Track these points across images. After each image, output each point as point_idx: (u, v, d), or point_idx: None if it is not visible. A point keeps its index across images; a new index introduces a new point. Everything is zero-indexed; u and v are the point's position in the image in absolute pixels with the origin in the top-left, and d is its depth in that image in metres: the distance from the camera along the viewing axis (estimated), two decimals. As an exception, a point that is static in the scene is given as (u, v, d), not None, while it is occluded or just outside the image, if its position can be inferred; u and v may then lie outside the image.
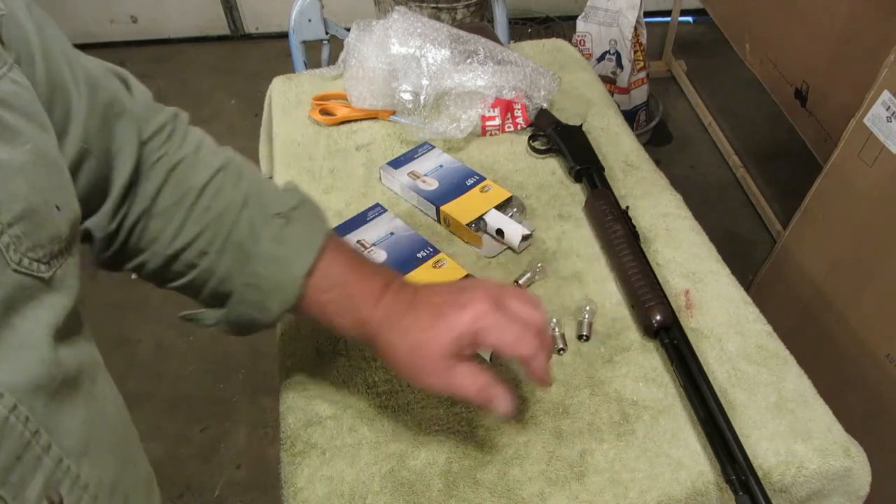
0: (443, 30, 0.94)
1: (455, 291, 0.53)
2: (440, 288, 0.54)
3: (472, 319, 0.51)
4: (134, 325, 1.71)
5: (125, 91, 0.51)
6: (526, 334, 0.52)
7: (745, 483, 0.54)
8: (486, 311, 0.51)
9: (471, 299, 0.52)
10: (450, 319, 0.51)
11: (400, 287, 0.54)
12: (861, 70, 1.21)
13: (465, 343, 0.51)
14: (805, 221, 1.27)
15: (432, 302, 0.52)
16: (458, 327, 0.51)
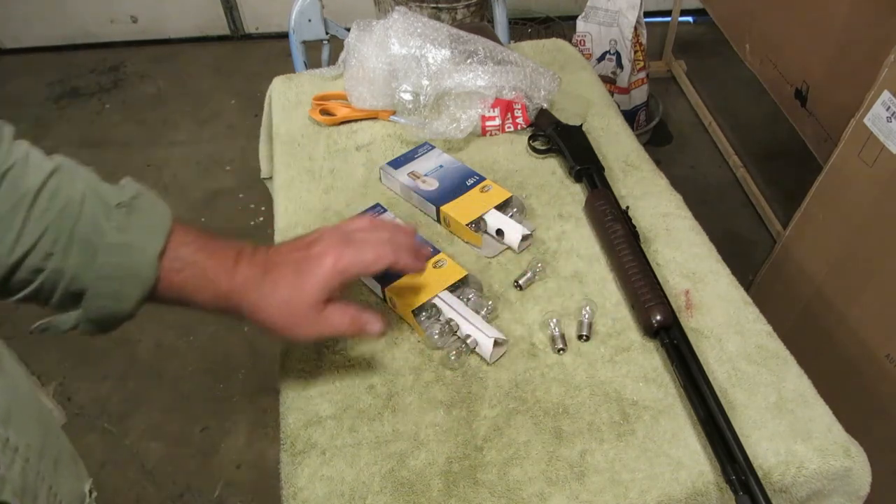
0: (443, 30, 0.94)
1: (306, 245, 0.57)
2: (291, 245, 0.58)
3: (332, 264, 0.56)
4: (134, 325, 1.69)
5: None
6: (379, 248, 0.58)
7: (745, 483, 0.54)
8: (341, 251, 0.56)
9: (325, 247, 0.57)
10: (312, 271, 0.56)
11: (252, 253, 0.57)
12: (861, 70, 1.21)
13: (333, 286, 0.56)
14: (805, 221, 1.27)
15: (290, 259, 0.57)
16: (321, 275, 0.56)
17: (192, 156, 2.25)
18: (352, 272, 0.57)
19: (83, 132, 2.37)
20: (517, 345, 0.69)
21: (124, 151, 2.28)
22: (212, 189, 2.11)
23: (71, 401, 1.56)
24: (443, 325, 0.68)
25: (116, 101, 2.51)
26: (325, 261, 0.56)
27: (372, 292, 0.75)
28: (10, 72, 2.70)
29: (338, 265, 0.56)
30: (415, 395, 0.65)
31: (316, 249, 0.57)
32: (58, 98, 2.54)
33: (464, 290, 0.73)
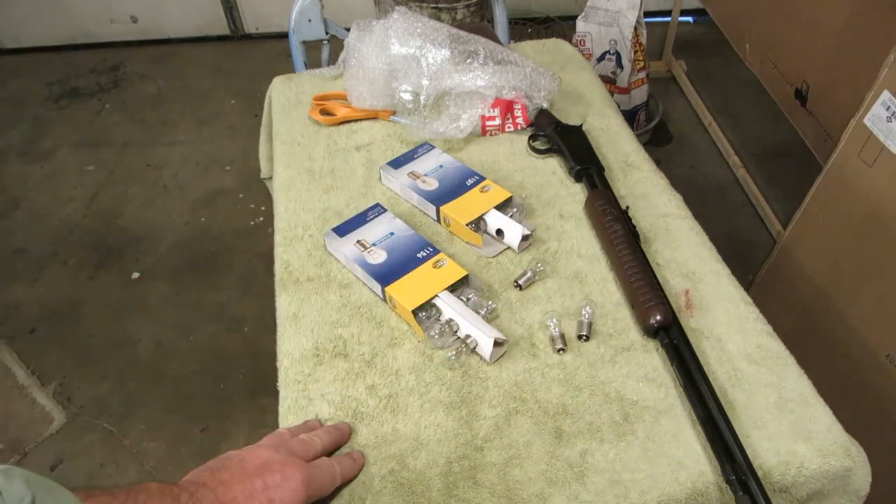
0: (443, 30, 0.94)
1: (257, 469, 0.52)
2: (236, 471, 0.52)
3: (305, 491, 0.52)
4: (134, 325, 1.71)
5: None
6: (335, 467, 0.56)
7: (745, 483, 0.54)
8: (305, 472, 0.53)
9: (286, 471, 0.52)
10: (285, 500, 0.51)
11: (192, 497, 0.49)
12: (861, 70, 1.21)
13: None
14: (805, 221, 1.27)
15: (250, 492, 0.51)
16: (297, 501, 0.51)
17: (192, 156, 2.25)
18: (317, 496, 0.54)
19: (83, 132, 2.37)
20: (517, 345, 0.69)
21: (124, 151, 2.28)
22: (212, 189, 2.11)
23: (71, 401, 1.56)
24: (443, 325, 0.68)
25: (116, 101, 2.51)
26: (296, 486, 0.52)
27: (372, 292, 0.75)
28: (10, 72, 2.70)
29: (308, 490, 0.53)
30: (415, 395, 0.65)
31: (278, 473, 0.52)
32: (58, 98, 2.54)
33: (464, 290, 0.73)
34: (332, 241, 0.79)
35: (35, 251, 1.93)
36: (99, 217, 2.03)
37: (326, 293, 0.75)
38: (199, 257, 1.89)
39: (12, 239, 1.98)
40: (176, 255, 1.90)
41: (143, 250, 1.91)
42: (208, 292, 1.79)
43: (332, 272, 0.78)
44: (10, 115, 2.46)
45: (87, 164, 2.23)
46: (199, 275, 1.84)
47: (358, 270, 0.76)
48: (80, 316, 1.74)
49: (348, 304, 0.74)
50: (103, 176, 2.18)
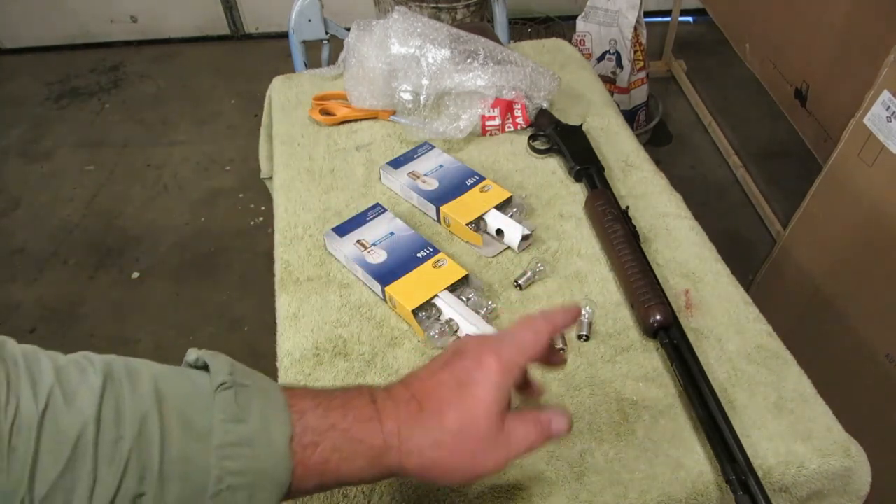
0: (443, 30, 0.94)
1: (449, 360, 0.47)
2: (430, 367, 0.47)
3: (496, 364, 0.45)
4: (134, 325, 1.71)
5: None
6: (529, 324, 0.48)
7: (745, 483, 0.54)
8: (496, 347, 0.46)
9: (476, 352, 0.46)
10: (479, 382, 0.44)
11: (387, 391, 0.46)
12: (861, 70, 1.21)
13: (506, 392, 0.45)
14: (805, 221, 1.27)
15: (442, 380, 0.45)
16: (490, 384, 0.44)
17: (192, 156, 2.25)
18: (520, 364, 0.46)
19: (83, 132, 2.37)
20: (517, 345, 0.69)
21: (124, 151, 2.28)
22: (212, 189, 2.11)
23: (71, 401, 1.56)
24: (443, 325, 0.68)
25: (116, 101, 2.51)
26: (487, 364, 0.45)
27: (372, 291, 0.75)
28: (10, 72, 2.70)
29: (502, 363, 0.45)
30: (415, 395, 0.65)
31: (468, 359, 0.46)
32: (58, 98, 2.54)
33: (464, 290, 0.73)
34: (332, 241, 0.79)
35: (35, 251, 1.93)
36: (99, 217, 2.03)
37: (326, 293, 0.75)
38: (199, 257, 1.89)
39: (12, 239, 1.98)
40: (176, 255, 1.90)
41: (143, 250, 1.91)
42: (208, 292, 1.79)
43: (332, 272, 0.78)
44: (10, 115, 2.46)
45: (87, 164, 2.23)
46: (199, 275, 1.84)
47: (358, 270, 0.76)
48: (80, 316, 1.74)
49: (348, 303, 0.74)
50: (103, 176, 2.18)
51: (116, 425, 0.37)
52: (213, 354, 0.44)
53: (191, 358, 0.44)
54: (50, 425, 0.35)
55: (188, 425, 0.39)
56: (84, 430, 0.36)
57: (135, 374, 0.40)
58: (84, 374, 0.38)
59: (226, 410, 0.40)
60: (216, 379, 0.41)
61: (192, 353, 0.44)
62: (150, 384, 0.40)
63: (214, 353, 0.44)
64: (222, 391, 0.40)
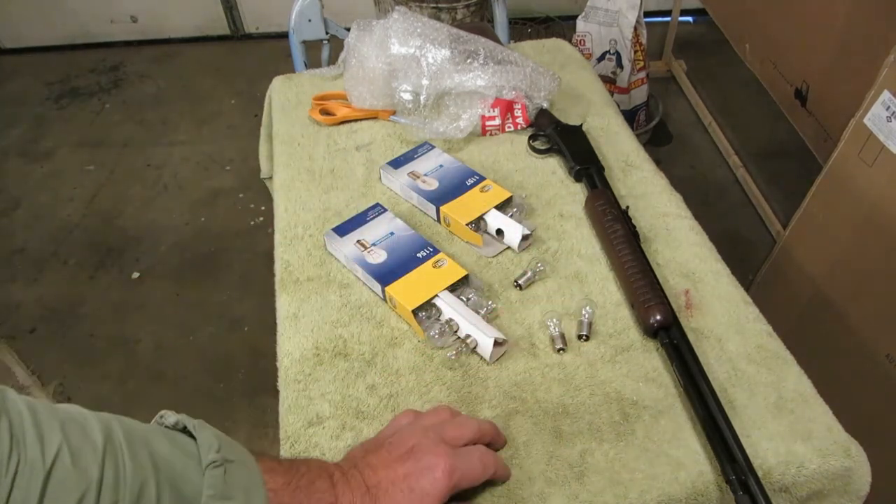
0: (443, 30, 0.94)
1: (403, 456, 0.52)
2: (383, 455, 0.53)
3: (446, 480, 0.50)
4: (134, 325, 1.71)
5: None
6: (484, 457, 0.54)
7: (745, 483, 0.54)
8: (452, 464, 0.51)
9: (430, 457, 0.51)
10: (427, 491, 0.50)
11: (345, 476, 0.51)
12: (861, 70, 1.21)
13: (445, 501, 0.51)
14: (805, 221, 1.27)
15: (394, 477, 0.51)
16: (437, 494, 0.50)
17: (192, 156, 2.25)
18: (463, 486, 0.52)
19: (83, 132, 2.37)
20: (517, 345, 0.69)
21: (124, 151, 2.28)
22: (212, 189, 2.11)
23: (71, 401, 1.55)
24: (443, 325, 0.68)
25: (116, 101, 2.51)
26: (437, 475, 0.50)
27: (372, 291, 0.75)
28: (10, 72, 2.70)
29: (451, 480, 0.51)
30: (415, 395, 0.65)
31: (422, 461, 0.51)
32: (58, 98, 2.54)
33: (464, 290, 0.73)
34: (332, 241, 0.79)
35: (35, 251, 1.93)
36: (99, 217, 2.03)
37: (326, 293, 0.75)
38: (199, 257, 1.89)
39: (12, 239, 1.98)
40: (176, 255, 1.90)
41: (143, 250, 1.91)
42: (208, 292, 1.79)
43: (332, 272, 0.78)
44: (10, 115, 2.46)
45: (87, 164, 2.23)
46: (199, 275, 1.84)
47: (358, 270, 0.76)
48: (80, 316, 1.74)
49: (348, 303, 0.74)
50: (103, 176, 2.18)
51: (115, 490, 0.38)
52: (199, 425, 0.45)
53: (170, 420, 0.45)
54: (55, 485, 0.36)
55: (180, 497, 0.40)
56: (87, 493, 0.37)
57: (131, 438, 0.41)
58: (86, 433, 0.39)
59: (215, 487, 0.42)
60: (207, 456, 0.43)
61: (171, 415, 0.46)
62: (145, 451, 0.41)
63: (200, 424, 0.45)
64: (213, 468, 0.42)
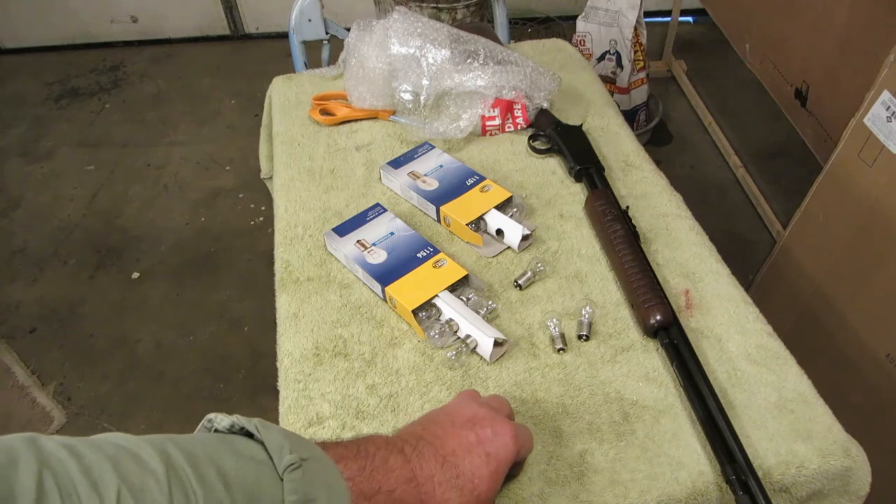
0: (443, 30, 0.93)
1: (467, 424, 0.52)
2: (448, 427, 0.52)
3: (513, 445, 0.52)
4: (134, 325, 1.71)
5: None
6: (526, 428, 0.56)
7: (745, 483, 0.54)
8: (513, 428, 0.52)
9: (496, 426, 0.52)
10: (501, 457, 0.51)
11: (418, 454, 0.48)
12: (861, 70, 1.21)
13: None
14: (805, 221, 1.27)
15: (471, 447, 0.50)
16: (508, 459, 0.51)
17: (192, 156, 2.25)
18: (522, 454, 0.54)
19: (83, 132, 2.37)
20: (517, 345, 0.69)
21: (124, 151, 2.28)
22: (212, 189, 2.11)
23: (71, 401, 1.56)
24: (443, 325, 0.68)
25: (116, 101, 2.51)
26: (508, 440, 0.51)
27: (372, 291, 0.75)
28: (10, 72, 2.70)
29: (517, 445, 0.52)
30: (415, 395, 0.65)
31: (491, 427, 0.52)
32: (58, 98, 2.54)
33: (464, 290, 0.73)
34: (332, 241, 0.79)
35: (35, 251, 1.93)
36: (99, 217, 2.03)
37: (326, 293, 0.75)
38: (199, 257, 1.89)
39: (12, 239, 1.98)
40: (176, 255, 1.90)
41: (143, 250, 1.91)
42: (208, 292, 1.79)
43: (333, 272, 0.78)
44: (10, 115, 2.46)
45: (87, 164, 2.23)
46: (199, 275, 1.84)
47: (358, 270, 0.76)
48: (80, 316, 1.74)
49: (348, 303, 0.74)
50: (103, 176, 2.18)
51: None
52: (261, 426, 0.41)
53: (223, 424, 0.42)
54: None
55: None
56: None
57: (194, 459, 0.37)
58: (142, 466, 0.35)
59: (297, 491, 0.38)
60: (282, 459, 0.39)
61: (223, 418, 0.42)
62: (212, 470, 0.37)
63: (262, 425, 0.41)
64: (291, 472, 0.39)
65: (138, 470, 0.34)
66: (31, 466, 0.31)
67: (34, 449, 0.32)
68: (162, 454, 0.35)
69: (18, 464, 0.31)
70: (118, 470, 0.33)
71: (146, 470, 0.34)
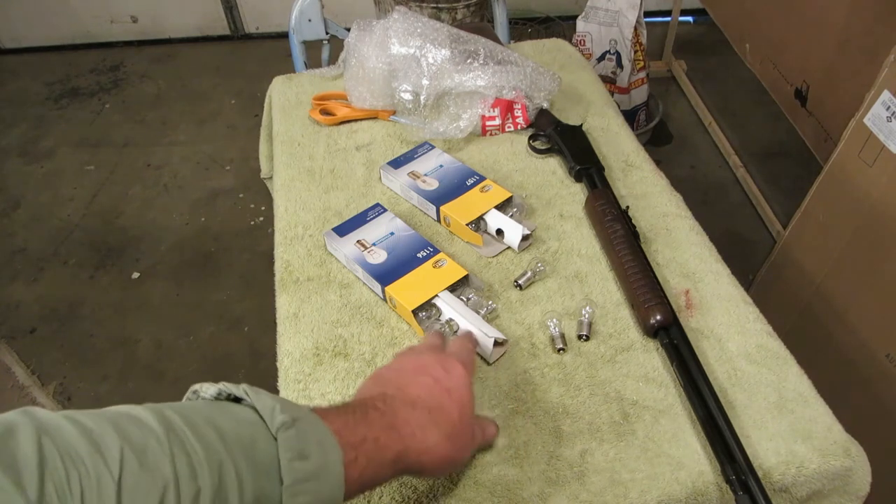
0: (443, 30, 0.93)
1: (420, 369, 0.54)
2: (405, 375, 0.54)
3: (468, 374, 0.55)
4: (134, 325, 1.71)
5: None
6: (468, 350, 0.60)
7: (745, 483, 0.54)
8: (457, 359, 0.56)
9: (446, 363, 0.55)
10: (464, 397, 0.53)
11: (388, 402, 0.50)
12: (861, 70, 1.21)
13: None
14: (805, 221, 1.27)
15: (432, 387, 0.53)
16: (470, 396, 0.54)
17: (192, 156, 2.25)
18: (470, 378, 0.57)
19: (83, 132, 2.37)
20: (517, 345, 0.69)
21: (124, 151, 2.28)
22: (212, 189, 2.11)
23: (71, 401, 1.56)
24: (443, 325, 0.68)
25: (116, 101, 2.51)
26: (458, 372, 0.54)
27: (372, 291, 0.75)
28: (10, 72, 2.70)
29: (468, 370, 0.55)
30: (415, 395, 0.65)
31: (439, 368, 0.54)
32: (58, 98, 2.54)
33: (464, 290, 0.73)
34: (332, 241, 0.79)
35: (35, 251, 1.93)
36: (99, 217, 2.03)
37: (326, 293, 0.75)
38: (199, 257, 1.89)
39: (12, 239, 1.98)
40: (176, 255, 1.90)
41: (143, 250, 1.91)
42: (208, 292, 1.79)
43: (333, 272, 0.78)
44: (10, 115, 2.46)
45: (87, 164, 2.23)
46: (199, 275, 1.84)
47: (358, 270, 0.76)
48: (80, 316, 1.74)
49: (348, 303, 0.74)
50: (103, 176, 2.18)
51: (193, 479, 0.36)
52: (250, 390, 0.43)
53: (209, 392, 0.44)
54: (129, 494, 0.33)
55: (257, 467, 0.39)
56: (166, 493, 0.35)
57: (191, 420, 0.39)
58: (143, 427, 0.36)
59: (291, 449, 0.40)
60: (274, 419, 0.41)
61: (209, 387, 0.44)
62: (210, 429, 0.39)
63: (251, 389, 0.43)
64: (284, 431, 0.41)
65: (139, 431, 0.36)
66: (29, 434, 0.32)
67: (30, 417, 0.34)
68: (160, 417, 0.37)
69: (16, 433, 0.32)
70: (119, 431, 0.35)
71: (146, 430, 0.36)
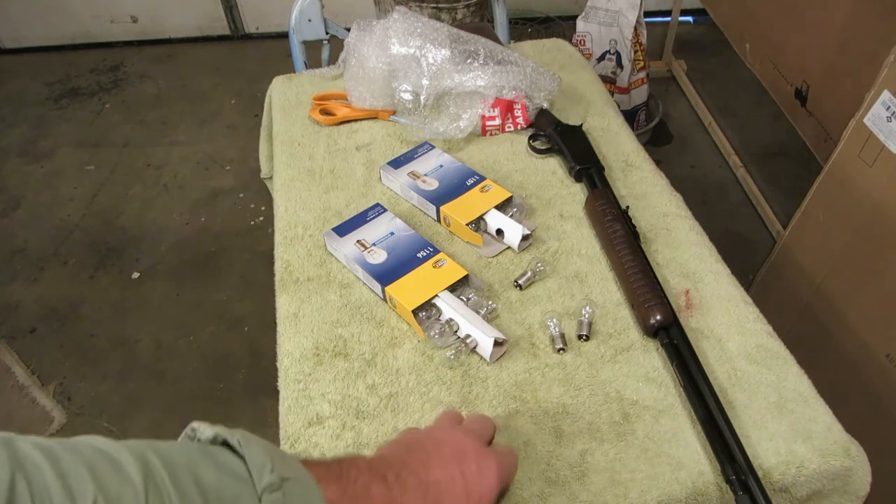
0: (443, 30, 0.93)
1: (454, 457, 0.51)
2: (434, 456, 0.51)
3: (498, 480, 0.52)
4: (134, 325, 1.71)
5: None
6: (512, 454, 0.57)
7: (744, 483, 0.54)
8: (497, 461, 0.52)
9: (482, 460, 0.51)
10: (484, 497, 0.51)
11: (402, 487, 0.47)
12: (861, 70, 1.21)
13: None
14: (805, 221, 1.27)
15: (454, 481, 0.50)
16: (493, 491, 0.51)
17: (192, 156, 2.25)
18: (504, 485, 0.54)
19: (83, 132, 2.37)
20: (517, 345, 0.69)
21: (124, 151, 2.28)
22: (212, 189, 2.11)
23: (71, 401, 1.56)
24: (443, 325, 0.68)
25: (116, 101, 2.51)
26: (492, 476, 0.51)
27: (372, 291, 0.75)
28: (10, 72, 2.70)
29: (500, 479, 0.52)
30: (415, 395, 0.65)
31: (476, 462, 0.51)
32: (58, 98, 2.54)
33: (464, 290, 0.73)
34: (332, 241, 0.79)
35: (35, 251, 1.93)
36: (99, 217, 2.03)
37: (326, 293, 0.75)
38: (199, 257, 1.89)
39: (12, 239, 1.98)
40: (176, 254, 1.90)
41: (143, 250, 1.91)
42: (208, 292, 1.79)
43: (333, 272, 0.78)
44: (10, 115, 2.46)
45: (87, 164, 2.23)
46: (199, 275, 1.84)
47: (358, 270, 0.76)
48: (80, 316, 1.74)
49: (348, 303, 0.74)
50: (103, 176, 2.18)
51: None
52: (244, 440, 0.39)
53: (206, 435, 0.40)
54: None
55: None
56: None
57: (173, 470, 0.35)
58: (120, 473, 0.33)
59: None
60: (262, 479, 0.38)
61: (206, 428, 0.40)
62: (191, 482, 0.35)
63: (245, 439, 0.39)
64: (269, 493, 0.37)
65: (116, 477, 0.33)
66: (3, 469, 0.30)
67: (8, 451, 0.31)
68: (141, 462, 0.34)
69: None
70: (95, 477, 0.32)
71: (124, 478, 0.33)
